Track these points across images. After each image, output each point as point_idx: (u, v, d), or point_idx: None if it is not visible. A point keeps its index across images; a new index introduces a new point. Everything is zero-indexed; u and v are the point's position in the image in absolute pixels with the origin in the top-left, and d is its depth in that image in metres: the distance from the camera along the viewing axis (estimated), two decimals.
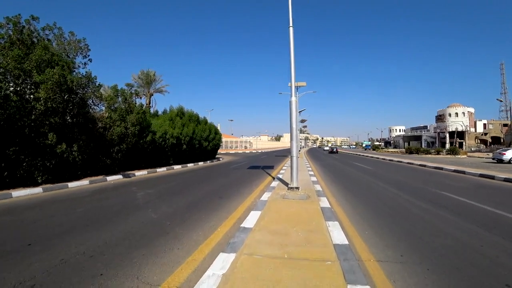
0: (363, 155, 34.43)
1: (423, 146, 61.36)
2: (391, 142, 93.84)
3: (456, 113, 59.38)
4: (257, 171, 14.17)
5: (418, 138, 76.46)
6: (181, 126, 17.48)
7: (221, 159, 26.46)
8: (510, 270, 2.96)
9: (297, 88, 26.28)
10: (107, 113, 12.73)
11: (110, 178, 11.64)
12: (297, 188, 7.16)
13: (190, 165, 18.58)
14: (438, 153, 33.55)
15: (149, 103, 25.15)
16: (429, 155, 32.64)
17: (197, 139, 18.87)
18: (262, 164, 19.16)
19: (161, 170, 15.27)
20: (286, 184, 8.51)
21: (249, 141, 64.69)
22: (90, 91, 11.68)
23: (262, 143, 78.80)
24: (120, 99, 12.84)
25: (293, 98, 7.22)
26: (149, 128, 15.05)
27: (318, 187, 7.91)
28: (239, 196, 7.34)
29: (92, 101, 12.53)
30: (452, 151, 31.97)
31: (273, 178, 10.55)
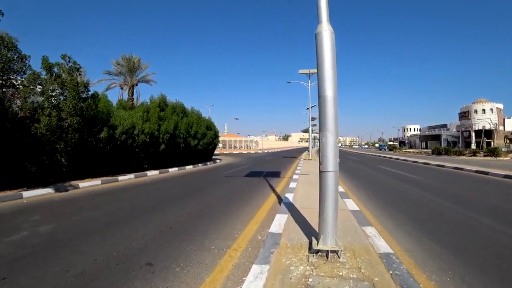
0: (384, 157, 29.67)
1: (442, 146, 55.60)
2: (406, 142, 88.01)
3: (483, 110, 53.46)
4: (256, 182, 9.86)
5: (437, 138, 70.67)
6: (158, 120, 13.30)
7: (218, 161, 22.27)
8: None
9: (309, 76, 21.85)
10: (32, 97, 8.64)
11: (30, 194, 7.62)
12: (337, 252, 2.82)
13: (173, 170, 14.41)
14: (474, 154, 28.48)
15: (132, 95, 21.12)
16: (464, 157, 27.62)
17: (181, 136, 14.65)
18: (266, 169, 14.84)
19: (126, 178, 11.14)
20: (302, 224, 4.17)
21: (255, 141, 60.40)
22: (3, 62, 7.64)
23: (269, 143, 74.39)
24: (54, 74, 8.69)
25: (325, 26, 2.89)
26: (106, 120, 10.92)
27: (376, 239, 3.52)
28: (194, 264, 3.05)
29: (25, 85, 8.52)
30: (492, 152, 26.87)
31: (279, 201, 6.21)
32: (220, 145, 53.51)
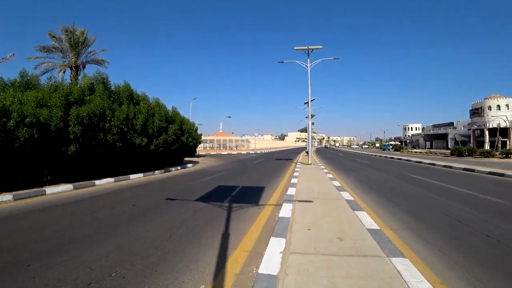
0: (398, 159, 24.74)
1: (449, 146, 51.14)
2: (408, 141, 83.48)
3: (498, 106, 48.74)
4: (206, 222, 4.78)
5: (443, 137, 66.17)
6: (63, 103, 8.15)
7: (191, 165, 17.20)
8: None
9: (308, 53, 16.83)
10: None
11: None
12: None
13: (104, 181, 9.33)
14: (507, 155, 23.64)
15: (76, 80, 15.96)
16: (495, 159, 22.80)
17: (114, 131, 9.49)
18: (244, 183, 9.76)
19: None
20: None
21: (247, 140, 55.26)
22: None
23: (263, 143, 69.25)
24: None
25: None
26: None
27: None
28: None
29: None
30: None
31: None
32: (207, 145, 48.43)
